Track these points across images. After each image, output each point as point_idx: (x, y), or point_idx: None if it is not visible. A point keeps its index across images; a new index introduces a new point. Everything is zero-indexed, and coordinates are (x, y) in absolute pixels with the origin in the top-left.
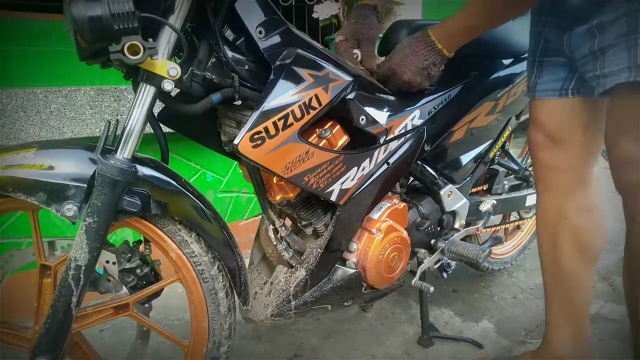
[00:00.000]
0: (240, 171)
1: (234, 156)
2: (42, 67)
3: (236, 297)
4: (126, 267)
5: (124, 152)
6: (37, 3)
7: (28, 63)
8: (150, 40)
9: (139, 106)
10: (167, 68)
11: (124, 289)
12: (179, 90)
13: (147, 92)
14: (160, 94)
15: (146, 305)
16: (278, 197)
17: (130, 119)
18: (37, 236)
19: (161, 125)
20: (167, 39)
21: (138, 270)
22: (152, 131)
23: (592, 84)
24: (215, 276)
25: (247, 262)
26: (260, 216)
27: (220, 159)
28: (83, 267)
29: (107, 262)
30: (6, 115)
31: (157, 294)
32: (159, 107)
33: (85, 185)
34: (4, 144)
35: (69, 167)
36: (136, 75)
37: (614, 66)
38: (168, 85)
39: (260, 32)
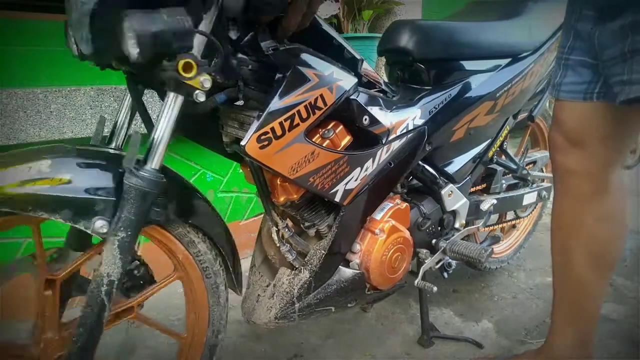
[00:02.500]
0: (241, 171)
1: (235, 157)
2: (42, 67)
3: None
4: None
5: (153, 163)
6: (37, 3)
7: (28, 63)
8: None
9: (166, 116)
10: (201, 79)
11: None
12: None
13: (176, 102)
14: (160, 92)
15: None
16: (282, 199)
17: (157, 129)
18: (41, 250)
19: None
20: (198, 48)
21: (135, 272)
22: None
23: (615, 89)
24: (217, 271)
25: (247, 262)
26: (261, 217)
27: (220, 158)
28: (116, 282)
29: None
30: (6, 115)
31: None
32: (160, 107)
33: (114, 199)
34: (5, 144)
35: (91, 180)
36: (139, 81)
37: (638, 74)
38: (201, 97)
39: (264, 31)
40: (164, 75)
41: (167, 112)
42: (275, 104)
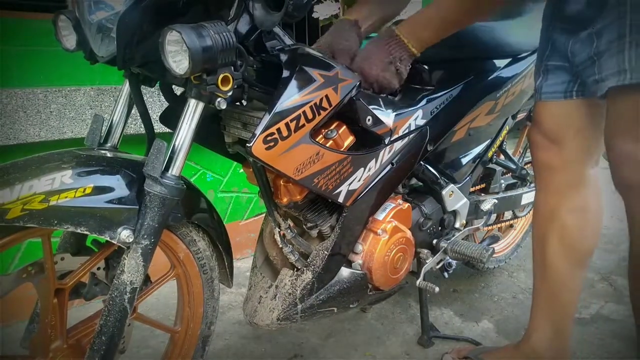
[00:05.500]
0: (241, 172)
1: (237, 158)
2: (42, 67)
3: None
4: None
5: (174, 170)
6: (37, 3)
7: (28, 63)
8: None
9: (187, 122)
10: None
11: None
12: (184, 89)
13: (196, 108)
14: (165, 92)
15: None
16: (285, 200)
17: (178, 135)
18: (50, 260)
19: (161, 126)
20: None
21: None
22: (140, 131)
23: (592, 88)
24: (213, 267)
25: (247, 262)
26: (261, 217)
27: (221, 158)
28: (138, 289)
29: (98, 268)
30: (6, 115)
31: None
32: (160, 108)
33: (137, 207)
34: (5, 144)
35: (113, 188)
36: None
37: (606, 71)
38: (223, 104)
39: (268, 32)
40: (199, 87)
41: (187, 119)
42: (282, 104)
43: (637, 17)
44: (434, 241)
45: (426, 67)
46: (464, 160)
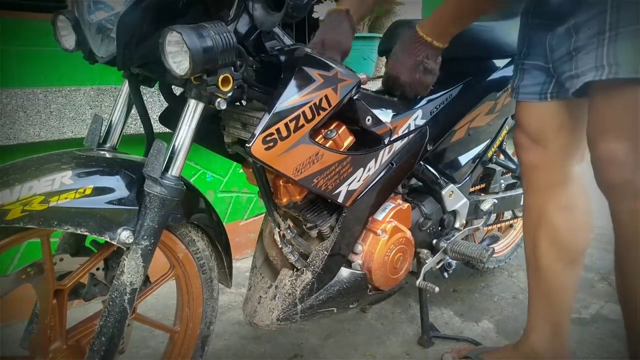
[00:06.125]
0: (241, 172)
1: (236, 158)
2: (42, 67)
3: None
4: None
5: (173, 170)
6: (37, 3)
7: (28, 63)
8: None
9: (187, 123)
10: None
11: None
12: (183, 89)
13: (196, 108)
14: (164, 93)
15: None
16: (285, 200)
17: (178, 136)
18: (49, 261)
19: (161, 126)
20: None
21: None
22: (140, 131)
23: (566, 85)
24: (212, 267)
25: (247, 262)
26: (261, 217)
27: (220, 158)
28: (137, 290)
29: (98, 269)
30: (6, 115)
31: None
32: (160, 108)
33: (137, 208)
34: (5, 144)
35: (113, 189)
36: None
37: (584, 66)
38: (223, 105)
39: (268, 32)
40: (200, 88)
41: (187, 120)
42: (281, 104)
43: (618, 14)
44: (434, 241)
45: None
46: (464, 160)
